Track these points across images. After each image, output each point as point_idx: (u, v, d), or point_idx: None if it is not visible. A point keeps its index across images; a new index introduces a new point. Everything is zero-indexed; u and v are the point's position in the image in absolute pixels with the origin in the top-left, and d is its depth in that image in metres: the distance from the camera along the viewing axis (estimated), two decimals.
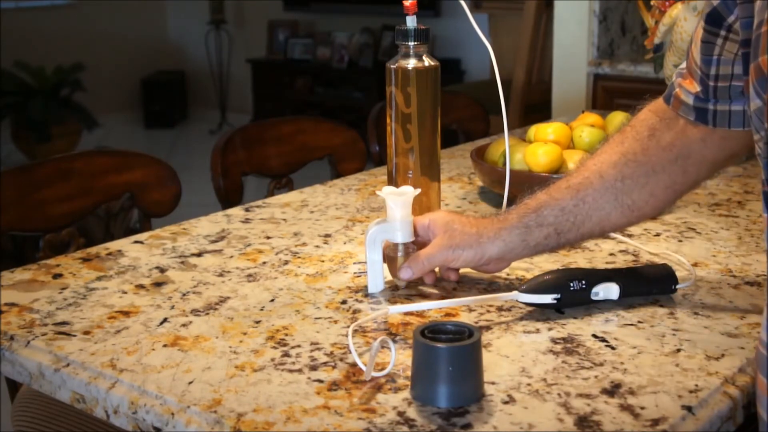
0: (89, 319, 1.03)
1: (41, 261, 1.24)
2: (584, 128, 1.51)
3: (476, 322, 1.01)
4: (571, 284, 1.02)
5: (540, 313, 1.03)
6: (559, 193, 1.08)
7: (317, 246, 1.28)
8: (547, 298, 1.01)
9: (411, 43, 1.17)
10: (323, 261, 1.22)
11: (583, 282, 1.02)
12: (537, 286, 1.02)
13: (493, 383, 0.86)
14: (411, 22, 1.17)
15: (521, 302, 1.02)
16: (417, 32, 1.17)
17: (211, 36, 6.79)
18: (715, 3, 0.96)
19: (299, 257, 1.24)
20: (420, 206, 1.18)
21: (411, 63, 1.17)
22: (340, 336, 0.97)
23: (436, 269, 1.11)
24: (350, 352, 0.92)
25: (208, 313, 1.04)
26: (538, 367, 0.90)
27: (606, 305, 1.05)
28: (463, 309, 1.05)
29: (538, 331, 0.99)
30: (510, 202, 1.42)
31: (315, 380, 0.87)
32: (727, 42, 0.97)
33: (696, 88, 1.03)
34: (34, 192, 1.49)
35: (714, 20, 0.97)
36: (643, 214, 1.10)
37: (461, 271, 1.13)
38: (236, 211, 1.47)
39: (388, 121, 1.20)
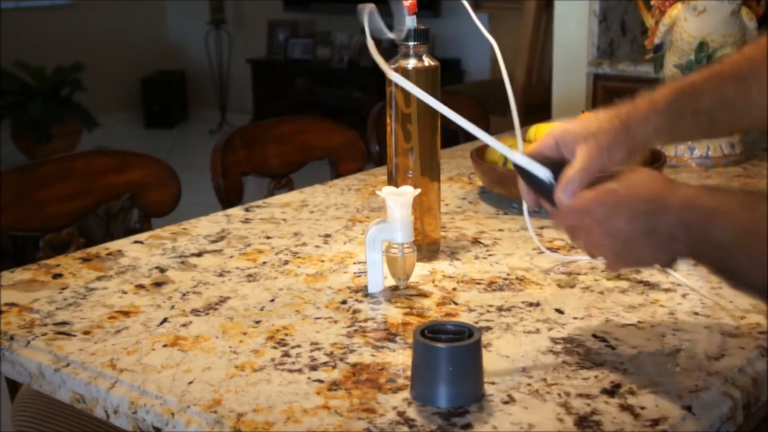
0: (89, 319, 1.03)
1: (41, 261, 1.24)
2: None
3: (476, 322, 1.01)
4: None
5: (540, 312, 1.03)
6: (719, 79, 0.95)
7: (317, 246, 1.28)
8: (542, 171, 0.92)
9: (411, 43, 1.17)
10: (323, 261, 1.22)
11: None
12: (539, 157, 0.93)
13: (493, 383, 0.86)
14: (411, 22, 1.17)
15: (515, 163, 0.94)
16: (417, 32, 1.17)
17: (211, 36, 6.79)
18: None
19: (299, 257, 1.24)
20: (420, 206, 1.18)
21: (411, 63, 1.17)
22: (340, 336, 0.97)
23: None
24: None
25: (208, 313, 1.04)
26: (538, 367, 0.90)
27: (606, 305, 1.05)
28: (463, 309, 1.05)
29: (538, 331, 0.99)
30: (509, 203, 1.43)
31: (315, 380, 0.87)
32: None
33: None
34: (34, 192, 1.49)
35: None
36: None
37: (462, 270, 1.13)
38: (236, 211, 1.47)
39: (388, 121, 1.20)
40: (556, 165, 0.93)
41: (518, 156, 0.93)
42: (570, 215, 0.89)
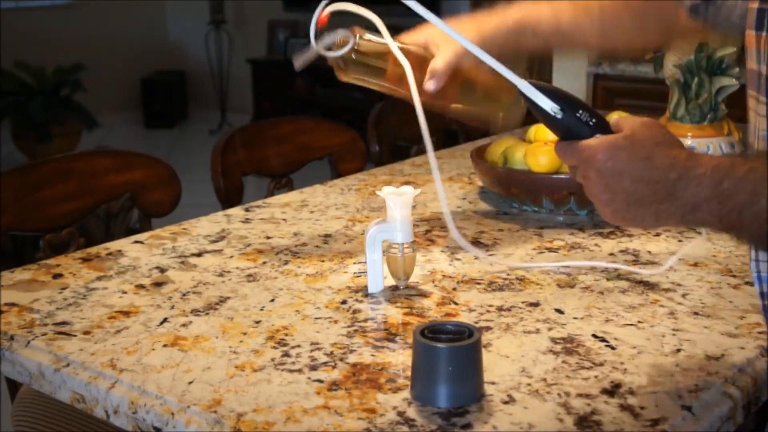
0: (89, 319, 1.03)
1: (41, 261, 1.24)
2: None
3: (476, 322, 1.01)
4: (579, 112, 0.87)
5: (540, 312, 1.03)
6: (562, 11, 1.18)
7: (317, 246, 1.28)
8: (547, 103, 0.86)
9: None
10: (323, 261, 1.22)
11: (593, 119, 0.87)
12: (549, 89, 0.87)
13: (493, 383, 0.86)
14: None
15: (523, 93, 0.88)
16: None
17: (211, 36, 6.79)
18: None
19: (299, 257, 1.24)
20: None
21: None
22: (340, 336, 0.97)
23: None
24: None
25: (208, 313, 1.04)
26: (538, 367, 0.90)
27: (606, 305, 1.05)
28: (463, 309, 1.05)
29: (538, 331, 0.99)
30: (509, 203, 1.42)
31: (315, 380, 0.87)
32: None
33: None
34: (34, 192, 1.49)
35: None
36: (613, 56, 1.30)
37: (462, 270, 1.13)
38: (236, 211, 1.47)
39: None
40: (566, 97, 0.88)
41: (525, 84, 0.88)
42: (573, 157, 0.86)
